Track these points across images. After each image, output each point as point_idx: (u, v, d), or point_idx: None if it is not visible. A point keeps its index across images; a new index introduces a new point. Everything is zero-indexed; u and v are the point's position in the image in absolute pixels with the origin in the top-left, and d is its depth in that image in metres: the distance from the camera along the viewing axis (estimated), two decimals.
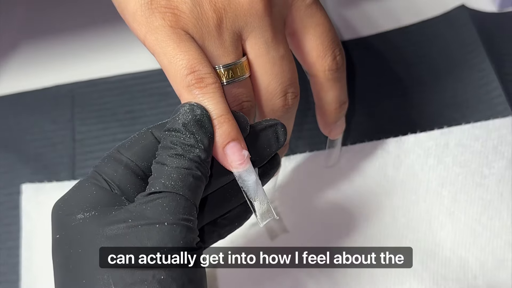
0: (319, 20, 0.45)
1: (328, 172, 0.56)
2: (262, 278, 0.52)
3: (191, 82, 0.39)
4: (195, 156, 0.38)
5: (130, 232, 0.36)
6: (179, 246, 0.36)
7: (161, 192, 0.36)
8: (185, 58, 0.40)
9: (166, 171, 0.37)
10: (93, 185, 0.39)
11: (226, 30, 0.42)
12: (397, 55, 0.63)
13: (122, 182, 0.39)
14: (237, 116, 0.41)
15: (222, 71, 0.42)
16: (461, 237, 0.52)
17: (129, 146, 0.40)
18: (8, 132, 0.62)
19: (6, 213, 0.58)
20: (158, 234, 0.35)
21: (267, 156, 0.41)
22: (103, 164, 0.39)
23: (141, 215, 0.36)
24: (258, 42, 0.43)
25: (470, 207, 0.53)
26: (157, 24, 0.41)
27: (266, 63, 0.43)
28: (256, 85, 0.44)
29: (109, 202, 0.38)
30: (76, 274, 0.36)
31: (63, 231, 0.37)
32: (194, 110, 0.38)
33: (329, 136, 0.52)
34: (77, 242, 0.37)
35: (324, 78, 0.46)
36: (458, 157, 0.55)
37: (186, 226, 0.36)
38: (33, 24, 0.69)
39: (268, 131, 0.41)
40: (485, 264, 0.51)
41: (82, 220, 0.37)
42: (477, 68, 0.60)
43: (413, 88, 0.61)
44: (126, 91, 0.64)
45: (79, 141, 0.61)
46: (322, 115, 0.49)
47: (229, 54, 0.42)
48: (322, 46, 0.45)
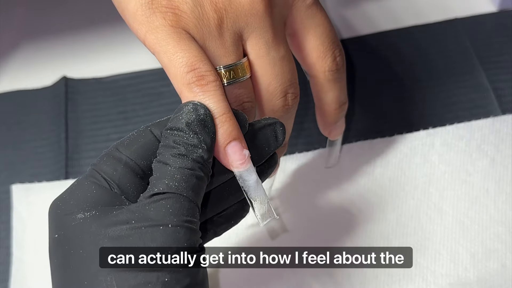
0: (320, 20, 0.45)
1: (319, 172, 0.57)
2: (263, 279, 0.52)
3: (191, 80, 0.39)
4: (198, 156, 0.37)
5: (134, 234, 0.35)
6: (183, 247, 0.35)
7: (165, 193, 0.36)
8: (185, 56, 0.39)
9: (169, 171, 0.37)
10: (92, 184, 0.38)
11: (227, 31, 0.42)
12: (395, 55, 0.64)
13: (122, 180, 0.38)
14: (236, 114, 0.40)
15: (223, 71, 0.42)
16: (450, 230, 0.53)
17: (128, 144, 0.39)
18: (6, 130, 0.61)
19: (5, 211, 0.57)
20: (162, 236, 0.35)
21: (266, 155, 0.41)
22: (102, 162, 0.39)
23: (144, 216, 0.35)
24: (258, 42, 0.43)
25: (457, 203, 0.54)
26: (158, 23, 0.40)
27: (267, 63, 0.43)
28: (256, 85, 0.44)
29: (109, 201, 0.37)
30: (77, 275, 0.36)
31: (62, 230, 0.37)
32: (198, 110, 0.38)
33: (328, 136, 0.52)
34: (77, 242, 0.36)
35: (324, 79, 0.46)
36: (443, 155, 0.56)
37: (190, 228, 0.36)
38: (33, 24, 0.69)
39: (267, 129, 0.41)
40: (476, 255, 0.52)
41: (83, 220, 0.36)
42: (470, 72, 0.62)
43: (409, 89, 0.62)
44: (119, 92, 0.64)
45: (73, 139, 0.61)
46: (322, 115, 0.49)
47: (230, 54, 0.42)
48: (322, 47, 0.46)
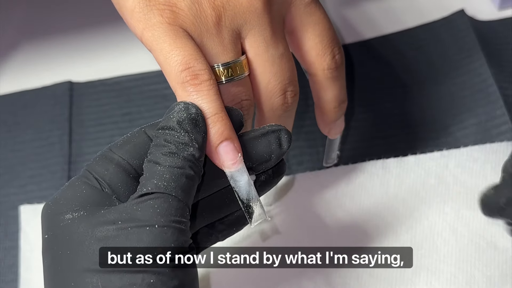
0: (318, 18, 0.45)
1: (329, 187, 0.55)
2: (256, 279, 0.51)
3: (185, 79, 0.39)
4: (189, 154, 0.37)
5: (120, 234, 0.35)
6: (170, 248, 0.35)
7: (153, 193, 0.36)
8: (181, 54, 0.39)
9: (158, 170, 0.36)
10: (83, 184, 0.38)
11: (225, 28, 0.42)
12: (396, 58, 0.63)
13: (113, 180, 0.38)
14: (230, 110, 0.40)
15: (221, 69, 0.41)
16: (465, 253, 0.51)
17: (121, 144, 0.39)
18: (7, 132, 0.61)
19: (5, 214, 0.57)
20: (148, 237, 0.35)
21: (269, 163, 0.41)
22: (95, 163, 0.39)
23: (131, 217, 0.35)
24: (257, 40, 0.43)
25: (473, 223, 0.52)
26: (155, 20, 0.40)
27: (265, 61, 0.43)
28: (255, 83, 0.44)
29: (99, 201, 0.37)
30: (65, 276, 0.36)
31: (51, 231, 0.37)
32: (189, 109, 0.38)
33: (328, 135, 0.52)
34: (65, 243, 0.36)
35: (323, 77, 0.46)
36: (458, 177, 0.55)
37: (178, 228, 0.36)
38: (33, 24, 0.69)
39: (271, 136, 0.40)
40: (492, 278, 0.50)
41: (71, 220, 0.36)
42: (475, 72, 0.61)
43: (411, 91, 0.61)
44: (123, 93, 0.64)
45: (76, 142, 0.60)
46: (321, 114, 0.49)
47: (228, 52, 0.42)
48: (321, 45, 0.45)
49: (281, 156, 0.41)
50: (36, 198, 0.57)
